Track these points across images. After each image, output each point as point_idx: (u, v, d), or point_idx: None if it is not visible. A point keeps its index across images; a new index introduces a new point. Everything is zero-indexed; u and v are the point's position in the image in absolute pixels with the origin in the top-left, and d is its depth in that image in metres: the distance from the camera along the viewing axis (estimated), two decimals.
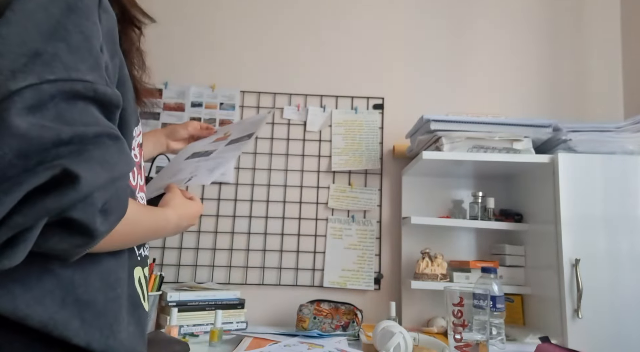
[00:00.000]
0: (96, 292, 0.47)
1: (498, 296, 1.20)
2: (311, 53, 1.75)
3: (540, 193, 1.36)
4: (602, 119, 1.67)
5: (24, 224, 0.36)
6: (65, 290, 0.44)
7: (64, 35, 0.41)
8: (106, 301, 0.48)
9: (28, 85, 0.37)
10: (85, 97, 0.41)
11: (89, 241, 0.41)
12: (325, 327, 1.34)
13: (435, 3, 1.79)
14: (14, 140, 0.35)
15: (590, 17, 1.78)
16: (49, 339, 0.43)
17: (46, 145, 0.37)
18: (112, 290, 0.49)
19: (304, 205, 1.64)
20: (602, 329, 1.15)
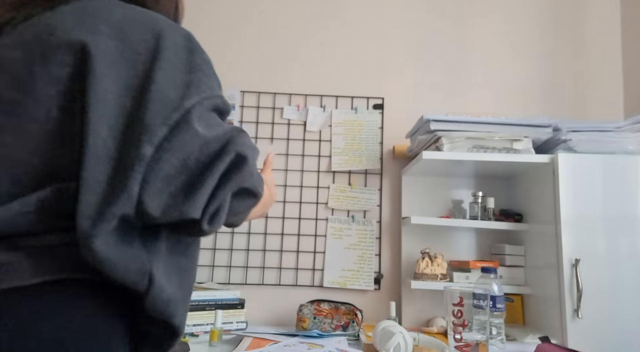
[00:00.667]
0: (191, 285, 0.62)
1: (498, 295, 1.20)
2: (311, 53, 1.75)
3: (540, 193, 1.36)
4: (602, 119, 1.67)
5: (224, 195, 0.53)
6: (179, 274, 0.58)
7: (197, 67, 0.57)
8: (190, 289, 0.62)
9: (195, 102, 0.53)
10: (218, 108, 0.58)
11: (255, 202, 0.60)
12: (325, 327, 1.34)
13: (436, 3, 1.79)
14: (200, 140, 0.52)
15: (590, 17, 1.78)
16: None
17: (220, 139, 0.53)
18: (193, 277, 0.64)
19: (304, 205, 1.64)
20: (602, 329, 1.15)
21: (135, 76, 0.53)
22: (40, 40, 0.53)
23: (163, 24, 0.58)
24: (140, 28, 0.56)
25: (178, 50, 0.56)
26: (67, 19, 0.55)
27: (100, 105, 0.50)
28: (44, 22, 0.55)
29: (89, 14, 0.56)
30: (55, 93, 0.52)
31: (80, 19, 0.55)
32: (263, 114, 1.69)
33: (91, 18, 0.55)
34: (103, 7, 0.57)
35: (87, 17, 0.55)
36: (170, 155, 0.50)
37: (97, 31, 0.54)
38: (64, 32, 0.53)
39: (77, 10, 0.56)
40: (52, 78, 0.52)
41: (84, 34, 0.53)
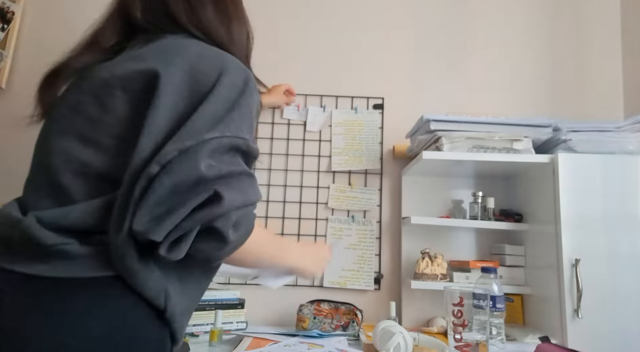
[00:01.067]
0: (193, 305, 0.69)
1: (498, 296, 1.20)
2: (311, 53, 1.75)
3: (540, 193, 1.36)
4: (602, 119, 1.67)
5: (188, 227, 0.55)
6: (188, 297, 0.65)
7: (237, 108, 0.62)
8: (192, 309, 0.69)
9: (214, 137, 0.58)
10: (239, 149, 0.61)
11: (222, 246, 0.59)
12: (325, 327, 1.34)
13: (435, 3, 1.79)
14: (194, 173, 0.55)
15: (590, 17, 1.78)
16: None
17: (210, 178, 0.56)
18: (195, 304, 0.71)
19: (304, 205, 1.64)
20: (602, 329, 1.15)
21: (189, 106, 0.61)
22: (126, 69, 0.65)
23: (230, 65, 0.66)
24: (209, 65, 0.64)
25: (232, 90, 0.63)
26: (151, 53, 0.66)
27: (153, 128, 0.58)
28: (134, 53, 0.68)
29: (169, 48, 0.66)
30: (127, 113, 0.62)
31: (161, 52, 0.65)
32: (263, 114, 1.69)
33: (170, 52, 0.65)
34: (183, 44, 0.68)
35: (167, 51, 0.65)
36: (166, 178, 0.55)
37: (172, 63, 0.63)
38: (146, 63, 0.64)
39: (160, 46, 0.67)
40: (126, 100, 0.63)
41: (160, 64, 0.62)
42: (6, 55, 1.73)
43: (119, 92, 0.63)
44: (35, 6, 1.81)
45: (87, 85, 0.67)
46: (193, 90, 0.62)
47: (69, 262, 0.56)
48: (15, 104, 1.72)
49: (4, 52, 1.73)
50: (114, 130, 0.62)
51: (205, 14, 0.74)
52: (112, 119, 0.63)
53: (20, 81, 1.74)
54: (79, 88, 0.68)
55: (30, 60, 1.76)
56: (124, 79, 0.63)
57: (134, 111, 0.62)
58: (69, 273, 0.55)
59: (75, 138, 0.63)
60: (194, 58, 0.64)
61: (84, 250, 0.57)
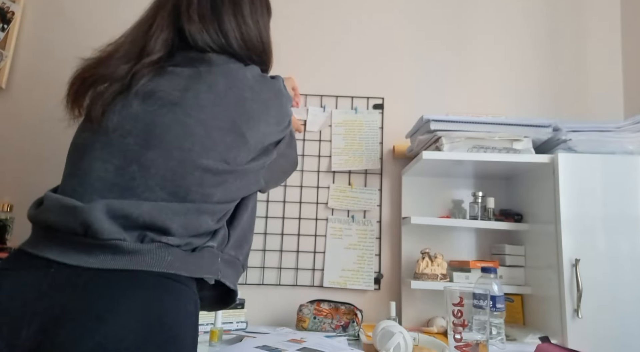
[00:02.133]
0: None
1: (498, 295, 1.20)
2: (311, 53, 1.75)
3: (540, 193, 1.36)
4: (602, 119, 1.67)
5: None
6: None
7: (288, 107, 0.87)
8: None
9: (286, 129, 0.86)
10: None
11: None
12: (325, 327, 1.34)
13: (435, 3, 1.79)
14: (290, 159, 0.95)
15: (590, 17, 1.78)
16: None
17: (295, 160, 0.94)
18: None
19: (304, 205, 1.64)
20: (602, 329, 1.15)
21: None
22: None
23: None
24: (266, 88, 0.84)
25: (283, 100, 0.87)
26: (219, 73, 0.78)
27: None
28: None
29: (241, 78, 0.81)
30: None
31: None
32: None
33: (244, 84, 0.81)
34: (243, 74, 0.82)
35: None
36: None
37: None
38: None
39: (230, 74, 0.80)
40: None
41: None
42: (6, 55, 1.73)
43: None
44: (35, 6, 1.81)
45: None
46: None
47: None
48: (15, 104, 1.72)
49: (4, 52, 1.73)
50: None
51: (249, 35, 0.87)
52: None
53: (20, 81, 1.74)
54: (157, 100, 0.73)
55: (30, 60, 1.76)
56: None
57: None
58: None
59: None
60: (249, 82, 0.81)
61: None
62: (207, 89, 0.73)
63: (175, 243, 0.66)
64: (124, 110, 0.72)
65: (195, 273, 0.68)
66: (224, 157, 0.72)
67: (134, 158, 0.68)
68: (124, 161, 0.68)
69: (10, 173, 1.67)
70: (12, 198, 1.61)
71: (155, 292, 0.62)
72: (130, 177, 0.67)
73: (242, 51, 0.85)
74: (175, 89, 0.73)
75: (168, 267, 0.64)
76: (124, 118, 0.71)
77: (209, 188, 0.71)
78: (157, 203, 0.66)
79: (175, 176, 0.68)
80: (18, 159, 1.68)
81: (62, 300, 0.57)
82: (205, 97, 0.73)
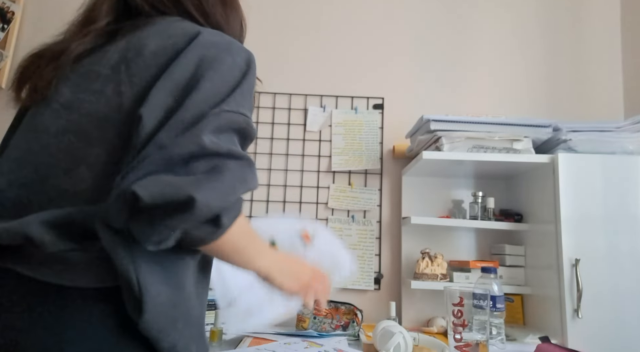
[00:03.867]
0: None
1: (498, 296, 1.20)
2: (311, 53, 1.75)
3: (540, 193, 1.36)
4: (602, 119, 1.67)
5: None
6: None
7: (239, 87, 0.61)
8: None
9: (216, 112, 0.56)
10: (239, 127, 0.59)
11: (216, 230, 0.54)
12: (325, 327, 1.34)
13: (435, 3, 1.79)
14: (194, 146, 0.53)
15: (590, 17, 1.78)
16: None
17: (210, 151, 0.53)
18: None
19: (304, 205, 1.63)
20: (602, 329, 1.15)
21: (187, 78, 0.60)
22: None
23: (233, 46, 0.65)
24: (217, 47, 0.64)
25: (235, 70, 0.63)
26: (150, 35, 0.65)
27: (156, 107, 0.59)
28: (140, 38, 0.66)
29: (185, 32, 0.65)
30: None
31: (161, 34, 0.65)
32: (263, 114, 1.69)
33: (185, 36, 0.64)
34: (193, 29, 0.65)
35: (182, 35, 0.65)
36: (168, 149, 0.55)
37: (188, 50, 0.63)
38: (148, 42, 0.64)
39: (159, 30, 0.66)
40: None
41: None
42: (6, 55, 1.73)
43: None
44: (35, 6, 1.81)
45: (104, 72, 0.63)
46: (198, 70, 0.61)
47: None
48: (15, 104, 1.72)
49: (4, 52, 1.73)
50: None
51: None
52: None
53: None
54: (90, 75, 0.64)
55: None
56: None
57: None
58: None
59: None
60: (205, 44, 0.63)
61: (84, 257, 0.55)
62: (136, 54, 0.63)
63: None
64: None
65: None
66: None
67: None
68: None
69: None
70: None
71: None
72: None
73: (199, 15, 0.72)
74: (105, 66, 0.64)
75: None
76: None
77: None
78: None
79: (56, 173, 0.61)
80: None
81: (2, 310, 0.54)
82: (135, 63, 0.63)
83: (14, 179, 0.60)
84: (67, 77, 0.65)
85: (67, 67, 0.65)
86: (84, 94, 0.63)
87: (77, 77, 0.65)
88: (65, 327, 0.52)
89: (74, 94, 0.63)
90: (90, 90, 0.63)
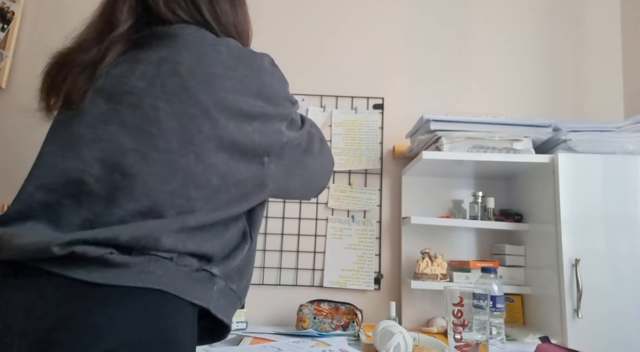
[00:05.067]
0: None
1: (498, 296, 1.20)
2: (311, 53, 1.75)
3: (540, 193, 1.36)
4: (602, 119, 1.67)
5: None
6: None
7: (278, 87, 0.73)
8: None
9: (300, 115, 0.77)
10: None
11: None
12: (325, 327, 1.34)
13: (435, 3, 1.79)
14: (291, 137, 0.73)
15: (590, 17, 1.78)
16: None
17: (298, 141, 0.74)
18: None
19: (304, 205, 1.63)
20: (602, 329, 1.15)
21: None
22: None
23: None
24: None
25: (275, 72, 0.76)
26: (182, 51, 0.67)
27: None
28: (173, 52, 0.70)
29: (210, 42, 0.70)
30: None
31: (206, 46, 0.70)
32: None
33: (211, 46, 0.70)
34: (216, 41, 0.71)
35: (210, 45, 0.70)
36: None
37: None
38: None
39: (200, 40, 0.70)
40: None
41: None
42: (6, 55, 1.73)
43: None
44: (35, 6, 1.81)
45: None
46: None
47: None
48: (15, 104, 1.72)
49: (4, 52, 1.73)
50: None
51: (220, 6, 0.76)
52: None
53: (20, 81, 1.74)
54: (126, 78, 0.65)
55: (30, 60, 1.76)
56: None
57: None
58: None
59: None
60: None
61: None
62: (171, 72, 0.63)
63: (166, 256, 0.59)
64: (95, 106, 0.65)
65: (184, 294, 0.58)
66: (205, 152, 0.62)
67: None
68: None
69: (11, 173, 1.67)
70: (11, 198, 1.61)
71: (149, 301, 0.56)
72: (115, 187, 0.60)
73: (211, 19, 0.75)
74: (140, 79, 0.64)
75: (155, 283, 0.56)
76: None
77: (195, 192, 0.61)
78: (138, 214, 0.59)
79: (160, 182, 0.59)
80: (18, 160, 1.68)
81: (55, 311, 0.53)
82: (171, 82, 0.63)
83: (41, 185, 0.62)
84: (101, 88, 0.65)
85: (102, 78, 0.66)
86: (120, 105, 0.63)
87: (111, 88, 0.65)
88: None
89: (109, 105, 0.64)
90: (126, 103, 0.63)
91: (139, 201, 0.58)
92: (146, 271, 0.56)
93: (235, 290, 0.68)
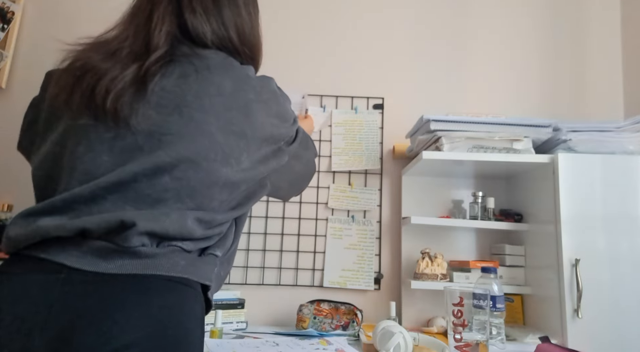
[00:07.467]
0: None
1: (498, 296, 1.20)
2: (311, 53, 1.75)
3: (540, 193, 1.36)
4: (602, 119, 1.67)
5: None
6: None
7: (288, 105, 0.87)
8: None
9: (297, 129, 0.88)
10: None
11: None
12: (325, 327, 1.34)
13: (435, 3, 1.79)
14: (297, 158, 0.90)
15: (590, 17, 1.78)
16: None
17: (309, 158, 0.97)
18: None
19: (304, 205, 1.63)
20: (602, 329, 1.15)
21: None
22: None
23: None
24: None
25: (280, 97, 0.88)
26: (221, 74, 0.76)
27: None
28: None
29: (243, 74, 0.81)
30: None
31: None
32: None
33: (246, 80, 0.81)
34: (246, 73, 0.82)
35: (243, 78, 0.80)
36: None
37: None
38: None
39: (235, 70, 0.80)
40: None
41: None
42: (6, 55, 1.73)
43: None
44: (35, 6, 1.81)
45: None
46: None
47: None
48: (15, 104, 1.72)
49: (4, 52, 1.73)
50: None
51: (246, 36, 0.88)
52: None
53: (20, 81, 1.74)
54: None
55: (30, 60, 1.76)
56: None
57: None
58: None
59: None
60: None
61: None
62: (216, 92, 0.72)
63: (189, 248, 0.68)
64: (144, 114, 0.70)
65: (201, 278, 0.68)
66: (239, 163, 0.73)
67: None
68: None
69: (10, 173, 1.67)
70: (12, 198, 1.61)
71: (168, 297, 0.62)
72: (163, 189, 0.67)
73: (239, 46, 0.84)
74: (187, 93, 0.70)
75: (182, 272, 0.65)
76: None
77: (226, 195, 0.72)
78: (183, 212, 0.67)
79: (203, 186, 0.68)
80: (18, 159, 1.68)
81: (76, 306, 0.56)
82: (217, 101, 0.71)
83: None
84: (147, 102, 0.69)
85: (149, 93, 0.69)
86: (172, 117, 0.69)
87: (156, 103, 0.69)
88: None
89: (159, 116, 0.69)
90: (178, 115, 0.69)
91: (185, 203, 0.67)
92: (172, 261, 0.64)
93: (222, 276, 0.79)
